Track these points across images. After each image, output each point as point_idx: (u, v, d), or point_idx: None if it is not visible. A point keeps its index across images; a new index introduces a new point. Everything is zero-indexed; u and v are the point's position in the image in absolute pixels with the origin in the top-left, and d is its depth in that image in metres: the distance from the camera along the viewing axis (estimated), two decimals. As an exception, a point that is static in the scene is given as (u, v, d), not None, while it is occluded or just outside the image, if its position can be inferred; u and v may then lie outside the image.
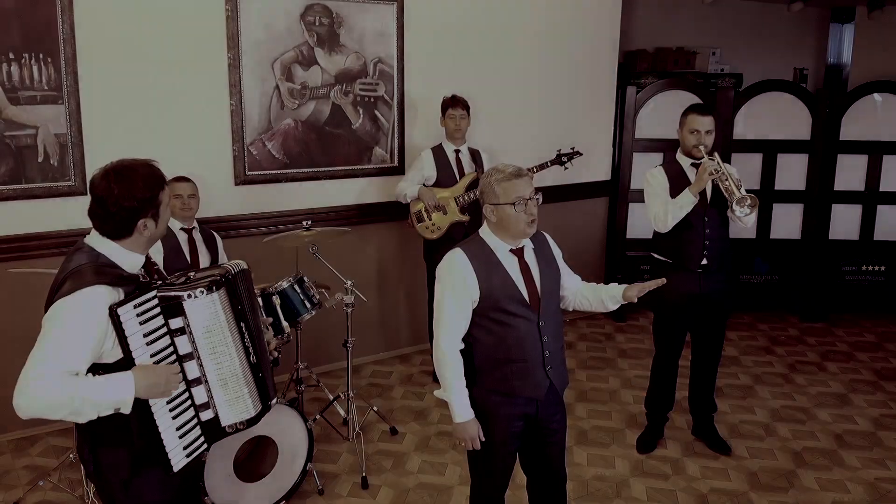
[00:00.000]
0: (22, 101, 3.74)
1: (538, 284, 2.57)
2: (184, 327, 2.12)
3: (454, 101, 4.55)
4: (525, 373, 2.55)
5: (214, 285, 2.16)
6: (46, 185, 3.88)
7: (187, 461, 2.14)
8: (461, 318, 2.53)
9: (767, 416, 4.39)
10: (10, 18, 3.64)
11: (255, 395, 2.29)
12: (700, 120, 3.68)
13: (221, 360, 2.20)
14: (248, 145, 4.40)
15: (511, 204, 2.47)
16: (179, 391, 2.13)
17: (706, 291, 3.78)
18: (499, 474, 2.71)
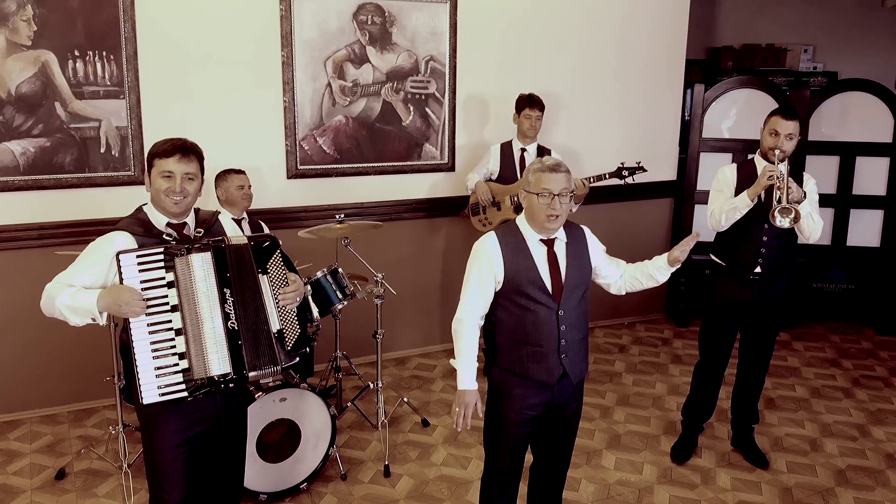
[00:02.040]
0: (86, 95, 4.03)
1: (563, 275, 2.65)
2: (174, 281, 2.37)
3: (532, 101, 4.55)
4: (540, 357, 2.64)
5: (203, 248, 2.42)
6: (108, 174, 4.16)
7: (160, 399, 2.33)
8: (482, 295, 2.67)
9: (817, 431, 4.19)
10: (76, 18, 3.92)
11: (226, 359, 2.43)
12: (783, 123, 3.52)
13: (199, 317, 2.41)
14: (300, 140, 4.56)
15: (537, 194, 2.57)
16: (165, 336, 2.35)
17: (759, 299, 3.65)
18: (508, 454, 2.76)
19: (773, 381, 4.83)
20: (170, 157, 2.45)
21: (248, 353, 2.45)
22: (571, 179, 2.63)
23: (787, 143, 3.52)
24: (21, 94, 3.89)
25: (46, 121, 3.97)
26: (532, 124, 4.55)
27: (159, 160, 2.46)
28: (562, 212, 2.58)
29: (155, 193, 2.47)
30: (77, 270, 2.40)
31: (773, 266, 3.62)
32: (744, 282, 3.65)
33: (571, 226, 2.76)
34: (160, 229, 2.46)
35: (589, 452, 3.94)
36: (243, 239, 2.56)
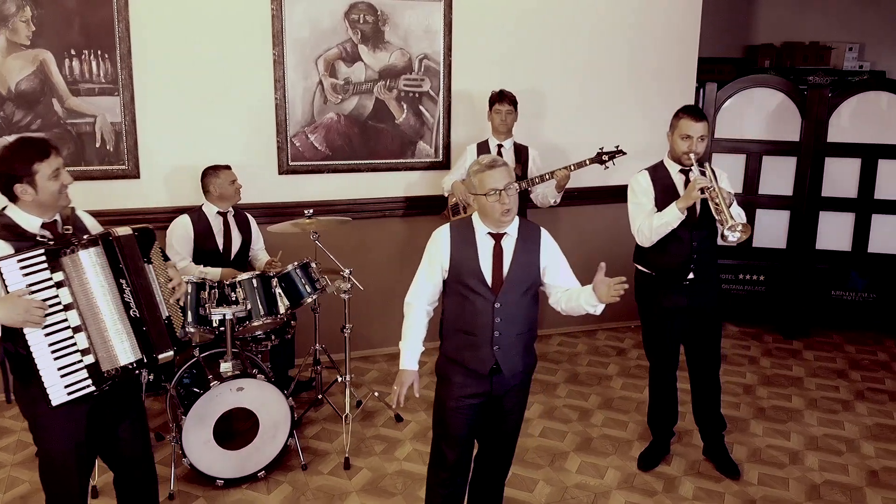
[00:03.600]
0: (82, 92, 4.23)
1: (505, 270, 2.67)
2: (64, 280, 2.41)
3: (501, 95, 4.55)
4: (474, 346, 2.71)
5: (90, 243, 2.45)
6: (103, 168, 4.35)
7: (69, 399, 2.40)
8: (429, 281, 2.77)
9: (802, 444, 4.03)
10: (72, 18, 4.12)
11: (135, 346, 2.53)
12: (693, 125, 3.42)
13: (99, 311, 2.47)
14: (291, 137, 4.67)
15: (485, 195, 2.60)
16: (62, 336, 2.40)
17: (694, 305, 3.56)
18: (449, 441, 2.80)
19: (770, 391, 4.67)
20: (49, 156, 2.46)
21: (155, 339, 2.54)
22: (511, 172, 2.66)
23: (699, 145, 3.42)
24: (20, 91, 4.12)
25: (44, 116, 4.19)
26: (503, 119, 4.53)
27: (41, 164, 2.43)
28: (512, 204, 2.62)
29: (48, 197, 2.46)
30: None
31: (703, 269, 3.53)
32: (677, 289, 3.56)
33: (528, 224, 2.79)
34: (34, 231, 2.46)
35: (555, 454, 3.91)
36: (127, 229, 2.60)
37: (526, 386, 2.88)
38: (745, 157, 5.57)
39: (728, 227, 3.21)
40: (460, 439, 2.79)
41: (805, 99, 5.38)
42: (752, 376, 4.91)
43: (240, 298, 3.67)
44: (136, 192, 4.47)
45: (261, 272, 3.80)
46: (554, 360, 5.14)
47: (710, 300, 3.60)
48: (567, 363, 5.10)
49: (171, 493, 3.48)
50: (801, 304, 5.62)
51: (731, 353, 5.31)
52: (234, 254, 4.26)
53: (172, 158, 4.47)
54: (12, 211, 2.47)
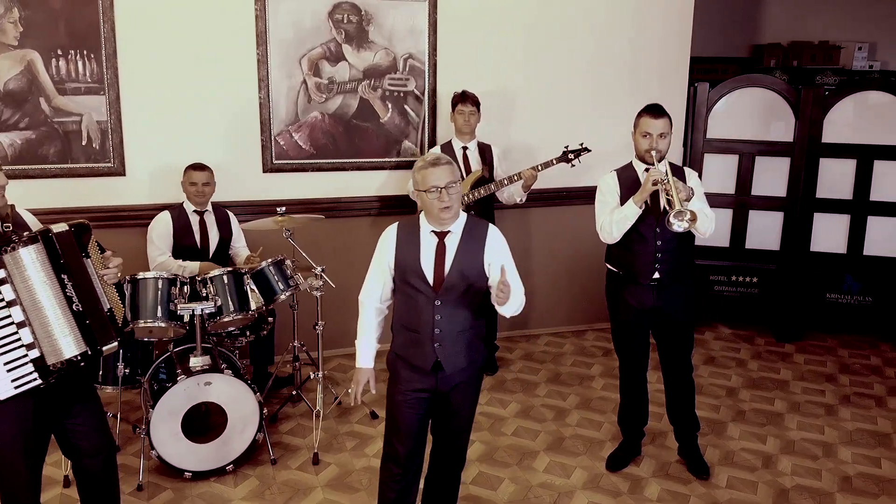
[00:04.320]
0: (68, 91, 4.32)
1: (447, 268, 2.69)
2: (6, 277, 2.46)
3: (463, 96, 4.56)
4: (417, 343, 2.74)
5: (30, 241, 2.50)
6: (89, 165, 4.45)
7: (15, 392, 2.47)
8: (378, 279, 2.81)
9: (777, 448, 3.98)
10: (58, 19, 4.22)
11: (79, 339, 2.59)
12: (653, 123, 3.42)
13: (42, 306, 2.53)
14: (275, 136, 4.72)
15: (426, 191, 2.62)
16: (6, 332, 2.46)
17: (660, 305, 3.54)
18: (398, 436, 2.82)
19: (753, 394, 4.62)
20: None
21: (98, 331, 2.60)
22: (454, 170, 2.66)
23: (661, 143, 3.41)
24: (9, 91, 4.23)
25: (32, 115, 4.29)
26: (466, 120, 4.54)
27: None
28: (452, 202, 2.63)
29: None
30: None
31: (670, 270, 3.50)
32: (643, 289, 3.54)
33: (476, 222, 2.79)
34: None
35: (525, 453, 3.91)
36: (64, 226, 2.63)
37: (474, 382, 2.89)
38: (737, 157, 5.50)
39: (674, 214, 3.19)
40: (409, 434, 2.80)
41: (799, 99, 5.31)
42: (737, 379, 4.86)
43: (210, 294, 3.73)
44: (122, 189, 4.56)
45: (233, 269, 3.86)
46: (538, 360, 5.13)
47: (680, 302, 3.57)
48: (551, 363, 5.09)
49: (140, 485, 3.55)
50: (794, 307, 5.55)
51: (720, 355, 5.26)
52: (212, 250, 4.32)
53: (157, 156, 4.55)
54: None
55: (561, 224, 5.46)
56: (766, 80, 5.45)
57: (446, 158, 2.70)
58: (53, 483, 3.52)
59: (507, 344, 5.38)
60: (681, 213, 3.21)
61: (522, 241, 5.39)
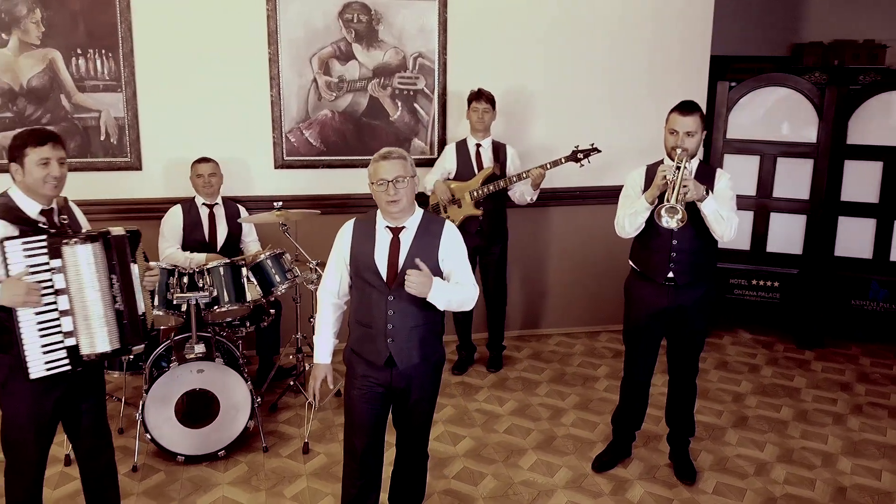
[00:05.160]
0: (87, 89, 4.52)
1: (400, 264, 2.71)
2: (61, 267, 2.63)
3: (478, 94, 4.59)
4: (370, 338, 2.76)
5: (90, 240, 2.66)
6: (107, 160, 4.64)
7: (46, 374, 2.64)
8: (335, 274, 2.84)
9: (774, 455, 3.88)
10: (78, 20, 4.42)
11: (115, 336, 2.75)
12: (681, 120, 3.36)
13: (87, 300, 2.68)
14: (286, 133, 4.84)
15: (375, 184, 2.67)
16: (50, 317, 2.62)
17: (675, 306, 3.48)
18: (356, 427, 2.85)
19: (761, 400, 4.51)
20: (44, 144, 2.67)
21: (131, 332, 2.77)
22: (407, 165, 2.67)
23: (687, 141, 3.33)
24: (31, 88, 4.45)
25: (53, 111, 4.51)
26: (479, 117, 4.56)
27: (32, 149, 2.64)
28: (400, 196, 2.64)
29: (33, 182, 2.65)
30: None
31: (686, 271, 3.44)
32: (658, 288, 3.49)
33: (432, 219, 2.80)
34: (33, 217, 2.68)
35: (513, 451, 3.91)
36: (121, 230, 2.82)
37: (431, 378, 2.87)
38: (758, 158, 5.37)
39: (665, 209, 3.16)
40: (365, 429, 2.83)
41: (823, 99, 5.15)
42: (746, 384, 4.75)
43: (206, 285, 3.85)
44: (138, 183, 4.74)
45: (231, 261, 3.98)
46: (545, 360, 5.11)
47: (695, 306, 3.49)
48: (558, 363, 5.06)
49: (135, 466, 3.70)
50: (816, 313, 5.38)
51: (734, 360, 5.15)
52: (220, 244, 4.45)
53: (172, 151, 4.71)
54: (14, 192, 2.70)
55: (577, 224, 5.43)
56: (788, 80, 5.30)
57: (399, 153, 2.70)
58: (55, 461, 3.69)
59: (516, 343, 5.38)
60: (672, 209, 3.17)
61: (537, 240, 5.38)
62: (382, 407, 2.85)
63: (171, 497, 3.49)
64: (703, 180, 3.38)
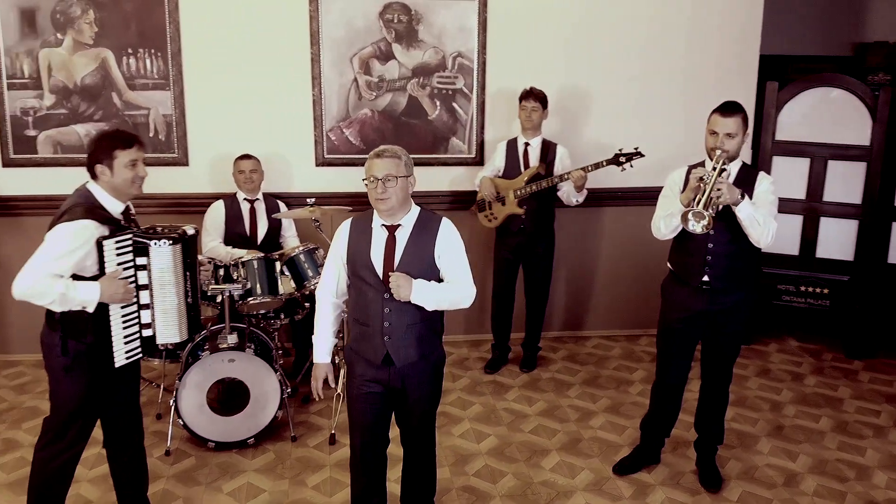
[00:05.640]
0: (137, 87, 4.71)
1: (396, 261, 2.73)
2: (146, 265, 2.82)
3: (527, 93, 4.60)
4: (368, 336, 2.80)
5: (174, 241, 2.85)
6: (156, 155, 4.82)
7: (126, 362, 2.83)
8: (332, 273, 2.87)
9: (807, 467, 3.77)
10: (130, 21, 4.61)
11: (185, 327, 2.97)
12: (721, 121, 3.30)
13: (166, 296, 2.88)
14: (327, 131, 4.94)
15: (367, 181, 2.71)
16: (132, 311, 2.81)
17: (710, 310, 3.41)
18: (358, 426, 2.90)
19: (799, 410, 4.38)
20: (132, 147, 2.81)
21: (195, 323, 2.99)
22: (401, 165, 2.69)
23: (727, 142, 3.26)
24: (85, 85, 4.66)
25: (105, 108, 4.71)
26: (528, 116, 4.56)
27: (122, 151, 2.78)
28: (389, 195, 2.66)
29: (121, 183, 2.79)
30: (56, 258, 2.66)
31: (722, 275, 3.36)
32: (693, 291, 3.43)
33: (429, 216, 2.81)
34: (117, 216, 2.83)
35: (536, 451, 3.90)
36: (193, 229, 3.00)
37: (430, 377, 2.88)
38: (808, 160, 5.21)
39: (693, 213, 3.12)
40: (364, 427, 2.87)
41: (877, 100, 4.96)
42: (787, 393, 4.61)
43: (240, 277, 3.97)
44: (185, 178, 4.91)
45: (265, 255, 4.08)
46: (581, 362, 5.08)
47: (730, 312, 3.42)
48: (593, 366, 5.02)
49: (168, 450, 3.84)
50: (868, 322, 5.19)
51: (777, 368, 5.01)
52: (260, 239, 4.58)
53: (217, 148, 4.86)
54: (96, 191, 2.81)
55: (624, 225, 5.36)
56: (841, 80, 5.12)
57: (393, 152, 2.71)
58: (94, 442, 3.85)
59: (553, 344, 5.36)
60: (699, 214, 3.13)
61: (584, 241, 5.36)
62: (382, 405, 2.87)
63: (198, 481, 3.61)
64: (744, 183, 3.32)
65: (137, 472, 3.18)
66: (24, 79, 4.60)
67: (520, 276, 4.88)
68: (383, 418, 2.90)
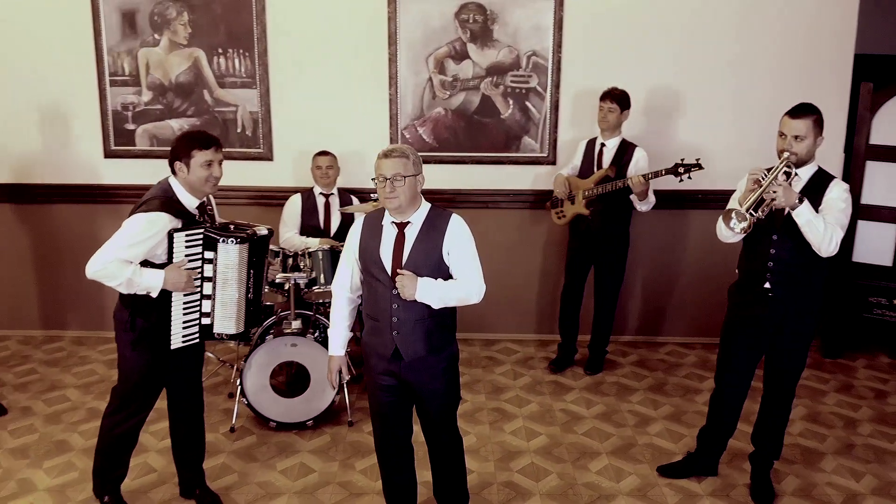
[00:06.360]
0: (226, 85, 5.01)
1: (404, 258, 2.80)
2: (213, 259, 3.04)
3: (606, 93, 4.57)
4: (378, 330, 2.89)
5: (241, 240, 3.05)
6: (242, 150, 5.11)
7: (182, 345, 3.07)
8: (346, 269, 2.98)
9: (870, 488, 3.57)
10: (220, 23, 4.90)
11: (242, 320, 3.17)
12: (788, 123, 3.21)
13: (228, 289, 3.09)
14: (402, 129, 5.08)
15: (376, 180, 2.79)
16: (194, 299, 3.05)
17: (771, 319, 3.32)
18: (376, 415, 3.02)
19: (876, 429, 4.14)
20: (208, 148, 3.02)
21: (252, 316, 3.19)
22: (409, 164, 2.74)
23: (796, 145, 3.15)
24: (179, 83, 5.00)
25: (197, 104, 5.04)
26: (604, 116, 4.53)
27: (199, 151, 2.97)
28: (398, 194, 2.72)
29: (196, 180, 2.99)
30: (128, 246, 2.89)
31: (785, 283, 3.25)
32: (756, 297, 3.32)
33: (439, 213, 2.86)
34: (191, 211, 3.05)
35: (585, 453, 3.88)
36: (265, 230, 3.21)
37: (442, 371, 2.91)
38: (906, 166, 4.90)
39: (736, 213, 3.06)
40: (383, 415, 2.97)
41: (984, 102, 4.61)
42: (866, 411, 4.37)
43: (306, 267, 4.16)
44: (269, 172, 5.18)
45: (331, 246, 4.26)
46: (650, 368, 4.98)
47: (792, 322, 3.31)
48: (662, 372, 4.92)
49: (233, 427, 4.08)
50: (967, 341, 4.83)
51: (861, 384, 4.74)
52: (333, 231, 4.77)
53: (300, 144, 5.09)
54: (175, 186, 3.03)
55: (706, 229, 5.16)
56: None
57: (401, 151, 2.75)
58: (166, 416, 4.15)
59: (624, 348, 5.28)
60: (741, 215, 3.06)
61: (664, 245, 5.27)
62: (397, 399, 2.94)
63: (255, 458, 3.82)
64: (814, 189, 3.21)
65: (195, 444, 3.41)
66: (124, 76, 4.99)
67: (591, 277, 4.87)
68: (400, 408, 2.98)
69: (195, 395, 3.38)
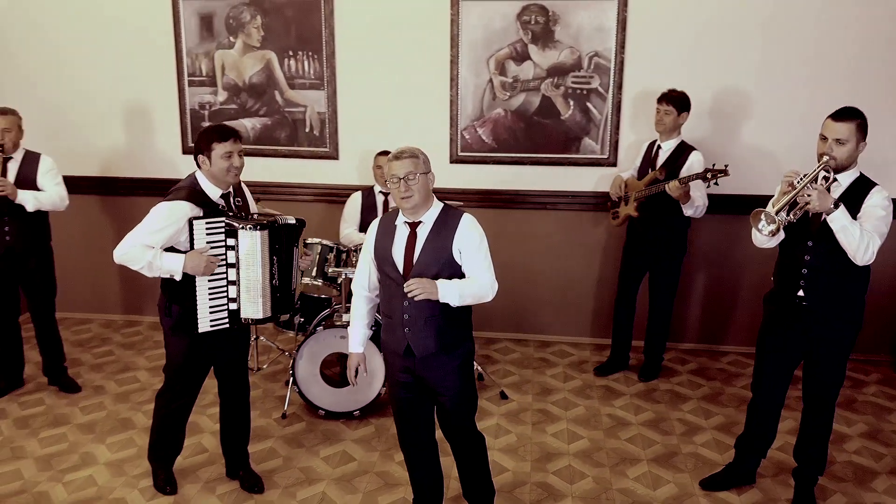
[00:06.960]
0: (296, 86, 5.21)
1: (415, 256, 2.87)
2: (234, 246, 3.21)
3: (663, 95, 4.50)
4: (391, 328, 2.98)
5: (260, 227, 3.20)
6: (310, 149, 5.31)
7: (210, 329, 3.23)
8: (364, 268, 3.07)
9: (926, 513, 3.39)
10: (290, 26, 5.11)
11: (268, 306, 3.30)
12: (830, 125, 3.12)
13: (251, 275, 3.24)
14: (462, 130, 5.15)
15: (389, 182, 2.86)
16: (220, 284, 3.22)
17: (806, 329, 3.23)
18: (396, 411, 3.12)
19: (943, 452, 3.92)
20: (227, 140, 3.17)
21: (280, 303, 3.33)
22: (419, 163, 2.80)
23: (837, 149, 3.05)
24: (252, 84, 5.24)
25: (269, 104, 5.27)
26: (660, 119, 4.47)
27: (218, 144, 3.12)
28: (413, 192, 2.78)
29: (217, 171, 3.14)
30: (150, 232, 3.07)
31: (819, 293, 3.15)
32: (790, 307, 3.23)
33: (451, 212, 2.91)
34: (215, 200, 3.21)
35: (625, 458, 3.85)
36: (291, 220, 3.36)
37: (455, 369, 2.95)
38: None
39: (766, 213, 3.00)
40: (402, 410, 3.06)
41: None
42: (935, 433, 4.14)
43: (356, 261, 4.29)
44: (335, 170, 5.35)
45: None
46: (708, 377, 4.86)
47: (827, 333, 3.22)
48: (720, 382, 4.79)
49: (284, 413, 4.26)
50: None
51: (936, 404, 4.49)
52: (391, 228, 4.89)
53: (364, 144, 5.24)
54: (200, 177, 3.21)
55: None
56: None
57: (410, 152, 2.81)
58: (226, 399, 4.38)
59: (683, 356, 5.18)
60: (770, 217, 2.99)
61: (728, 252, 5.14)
62: (414, 394, 3.01)
63: (302, 444, 3.98)
64: (853, 195, 3.10)
65: (240, 428, 3.59)
66: (201, 76, 5.27)
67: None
68: (418, 404, 3.05)
69: (240, 382, 3.55)
